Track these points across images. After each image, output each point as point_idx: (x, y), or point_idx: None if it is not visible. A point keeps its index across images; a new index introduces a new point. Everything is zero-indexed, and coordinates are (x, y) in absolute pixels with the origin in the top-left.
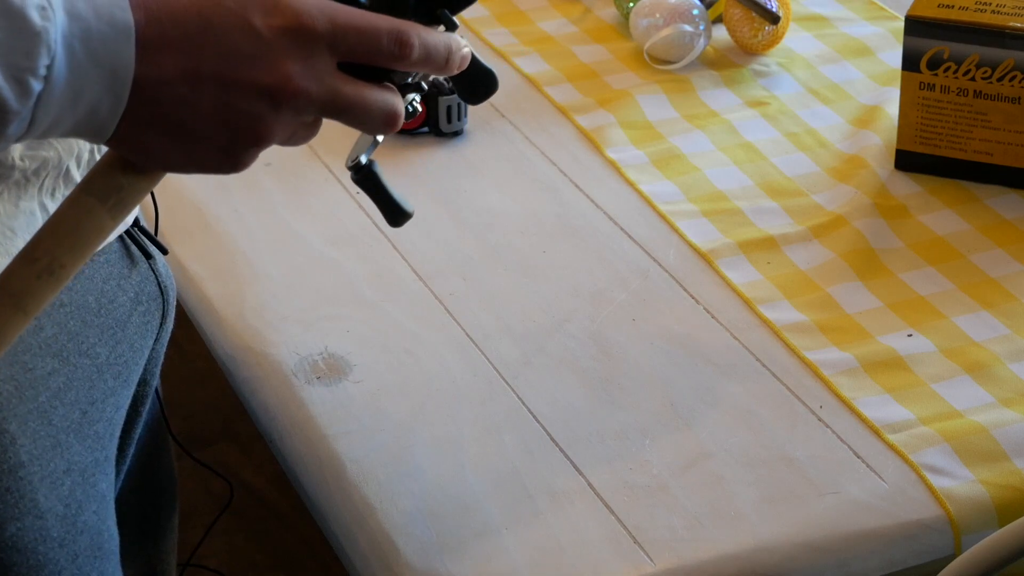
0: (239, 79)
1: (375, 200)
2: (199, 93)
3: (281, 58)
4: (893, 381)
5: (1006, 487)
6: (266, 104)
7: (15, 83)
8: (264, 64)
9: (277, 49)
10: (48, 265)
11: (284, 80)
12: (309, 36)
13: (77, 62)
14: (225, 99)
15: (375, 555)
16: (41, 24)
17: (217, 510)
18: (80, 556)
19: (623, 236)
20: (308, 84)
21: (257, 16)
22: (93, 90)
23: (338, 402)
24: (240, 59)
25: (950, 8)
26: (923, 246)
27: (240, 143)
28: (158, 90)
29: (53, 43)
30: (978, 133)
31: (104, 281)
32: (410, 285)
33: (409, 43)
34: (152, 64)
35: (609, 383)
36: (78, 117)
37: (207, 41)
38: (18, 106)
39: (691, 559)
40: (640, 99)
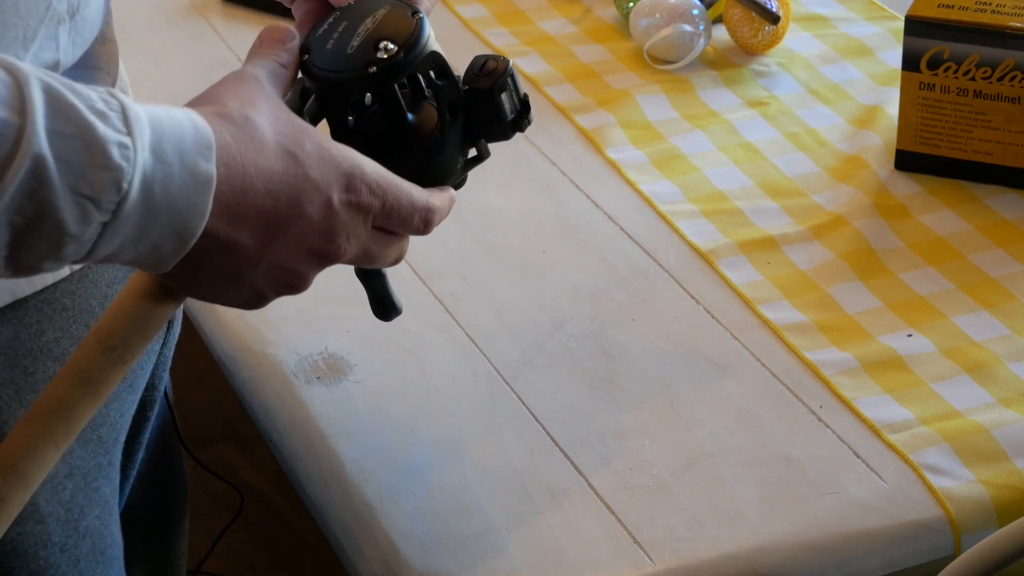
0: (303, 246)
1: (372, 297)
2: (267, 255)
3: (341, 229)
4: (893, 381)
5: (1006, 487)
6: (314, 264)
7: (78, 208)
8: (328, 235)
9: (341, 221)
10: (123, 356)
11: (337, 249)
12: (366, 212)
13: (152, 204)
14: (284, 262)
15: (375, 555)
16: (118, 162)
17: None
18: (82, 561)
19: (623, 236)
20: (349, 248)
21: (336, 191)
22: (161, 232)
23: (338, 402)
24: (312, 230)
25: (950, 8)
26: (923, 246)
27: (276, 293)
28: (228, 249)
29: (126, 184)
30: (978, 133)
31: (108, 285)
32: (410, 285)
33: (432, 224)
34: (231, 226)
35: (609, 383)
36: (139, 253)
37: (292, 215)
38: (76, 231)
39: (691, 559)
40: (640, 99)
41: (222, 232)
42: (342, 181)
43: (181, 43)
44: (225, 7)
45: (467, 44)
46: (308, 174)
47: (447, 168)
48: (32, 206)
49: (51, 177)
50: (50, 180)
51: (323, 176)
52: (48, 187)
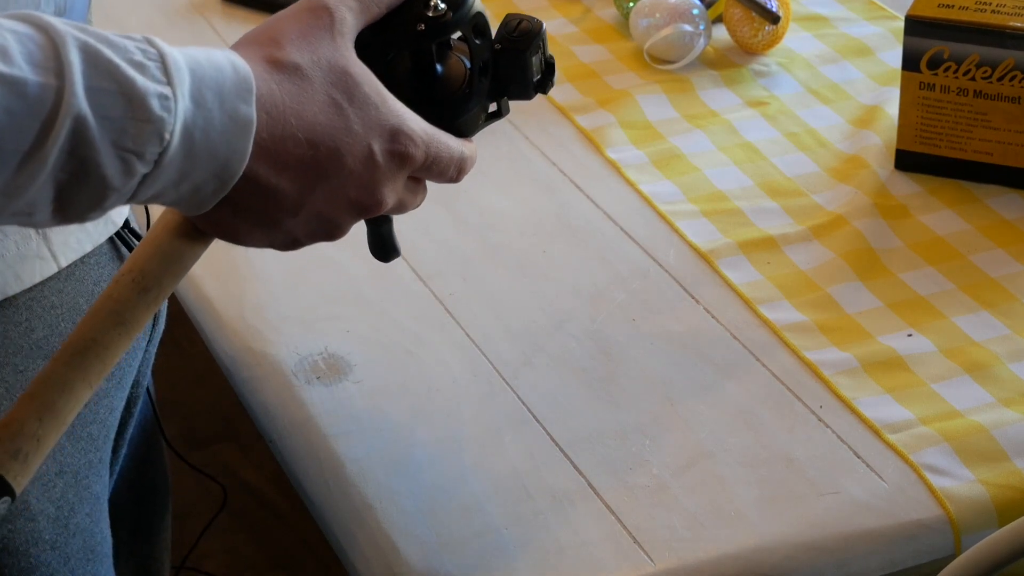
0: (344, 197)
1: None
2: (307, 204)
3: (382, 181)
4: (893, 381)
5: (1006, 487)
6: (354, 215)
7: (121, 162)
8: (368, 187)
9: (382, 173)
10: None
11: (376, 201)
12: (407, 163)
13: (193, 149)
14: (324, 211)
15: (375, 555)
16: (159, 114)
17: (215, 511)
18: (72, 558)
19: (623, 236)
20: (390, 199)
21: (377, 144)
22: (201, 175)
23: (338, 402)
24: (352, 182)
25: (950, 8)
26: (923, 246)
27: (313, 240)
28: (270, 195)
29: (168, 134)
30: (978, 133)
31: (94, 283)
32: (410, 285)
33: (464, 173)
34: (273, 172)
35: (609, 383)
36: (180, 195)
37: (333, 166)
38: (119, 183)
39: (691, 559)
40: (640, 99)
41: (262, 176)
42: (385, 135)
43: (181, 43)
44: (225, 7)
45: None
46: (351, 127)
47: (470, 124)
48: (75, 163)
49: (92, 135)
50: (92, 138)
51: (366, 129)
52: (90, 145)
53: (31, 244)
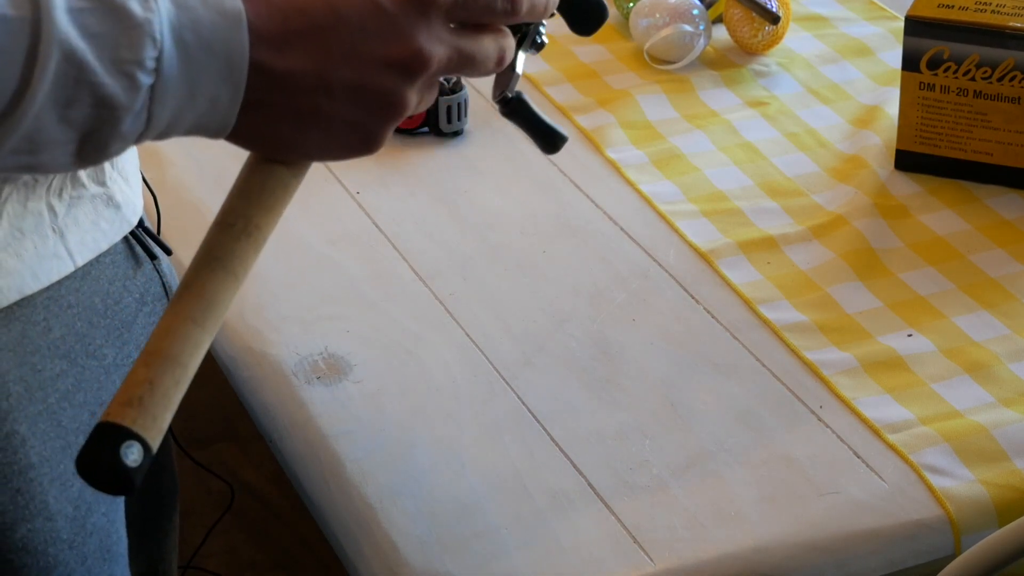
0: (372, 58)
1: (528, 130)
2: (332, 79)
3: (408, 30)
4: (893, 381)
5: (1006, 487)
6: (399, 77)
7: (122, 76)
8: (394, 39)
9: (403, 22)
10: (245, 227)
11: (415, 52)
12: (431, 3)
13: (189, 52)
14: (359, 80)
15: (375, 555)
16: (143, 15)
17: (217, 510)
18: (89, 558)
19: (623, 236)
20: (434, 48)
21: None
22: (210, 81)
23: (338, 402)
24: (370, 38)
25: (950, 8)
26: (923, 246)
27: (377, 119)
28: (288, 80)
29: (158, 34)
30: (978, 133)
31: (109, 283)
32: (410, 285)
33: (521, 2)
34: (280, 55)
35: (609, 383)
36: (199, 111)
37: (337, 26)
38: (127, 101)
39: (691, 559)
40: (640, 99)
41: (268, 62)
42: None
43: None
44: None
45: None
46: None
47: None
48: (76, 92)
49: (84, 57)
50: (84, 59)
51: None
52: (85, 68)
53: (48, 243)
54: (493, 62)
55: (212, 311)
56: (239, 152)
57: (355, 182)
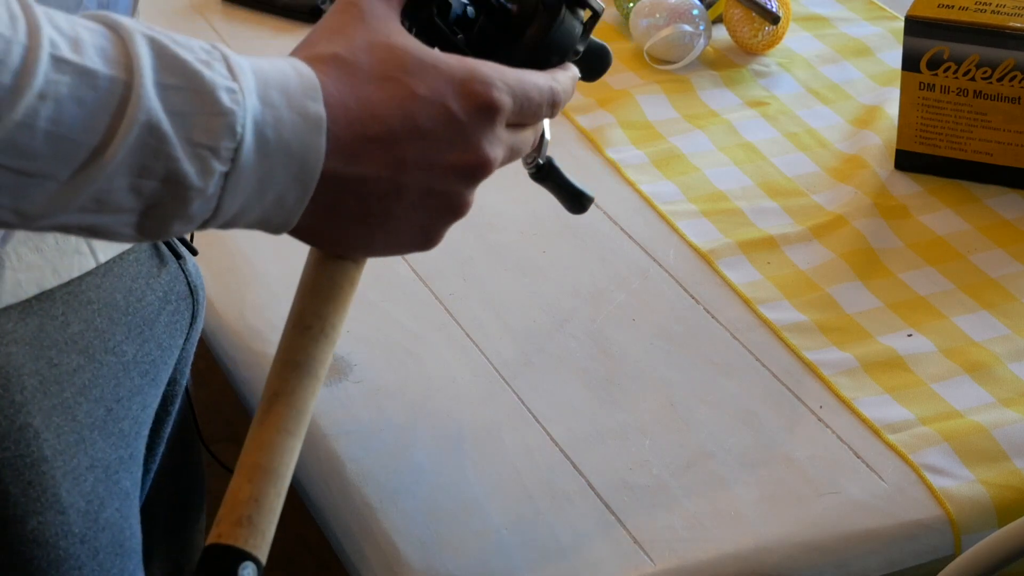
0: (443, 164)
1: (557, 193)
2: (404, 183)
3: (476, 137)
4: (893, 381)
5: (1006, 487)
6: (464, 181)
7: (197, 160)
8: (463, 146)
9: (472, 130)
10: (322, 329)
11: (481, 158)
12: (498, 111)
13: (267, 149)
14: (429, 185)
15: (375, 555)
16: (229, 106)
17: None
18: (101, 552)
19: (623, 236)
20: (497, 152)
21: (452, 100)
22: (281, 180)
23: (338, 402)
24: (442, 145)
25: (950, 8)
26: (923, 246)
27: (440, 220)
28: (360, 186)
29: (240, 127)
30: (978, 133)
31: (133, 280)
32: (410, 285)
33: (558, 104)
34: (353, 162)
35: (609, 383)
36: (265, 206)
37: (411, 134)
38: (199, 183)
39: (691, 559)
40: (640, 99)
41: (341, 170)
42: (456, 88)
43: None
44: (225, 7)
45: None
46: (415, 92)
47: (567, 36)
48: (152, 163)
49: (166, 131)
50: (166, 134)
51: (433, 90)
52: (165, 141)
53: (70, 239)
54: (531, 148)
55: (303, 418)
56: None
57: None
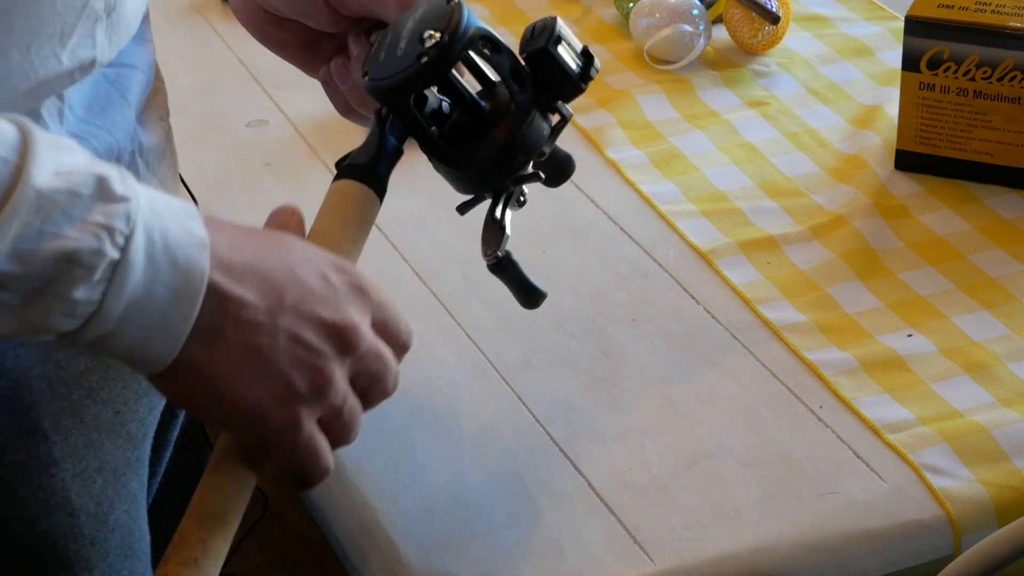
0: (313, 316)
1: (512, 286)
2: (278, 321)
3: (348, 306)
4: (893, 381)
5: (1006, 487)
6: (334, 345)
7: (91, 237)
8: (336, 308)
9: (345, 298)
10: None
11: (352, 325)
12: (367, 298)
13: (154, 253)
14: (300, 331)
15: (375, 555)
16: (124, 193)
17: None
18: (111, 554)
19: (623, 236)
20: (366, 333)
21: (327, 269)
22: (166, 291)
23: None
24: (316, 298)
25: (950, 8)
26: (923, 246)
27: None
28: (240, 309)
29: (133, 215)
30: (978, 133)
31: None
32: (410, 285)
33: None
34: (236, 282)
35: (609, 383)
36: (149, 321)
37: (288, 277)
38: (88, 261)
39: (691, 559)
40: (640, 99)
41: (225, 286)
42: (332, 261)
43: (181, 43)
44: (225, 7)
45: None
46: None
47: (535, 137)
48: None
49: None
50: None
51: (309, 257)
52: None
53: None
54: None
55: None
56: (240, 153)
57: None
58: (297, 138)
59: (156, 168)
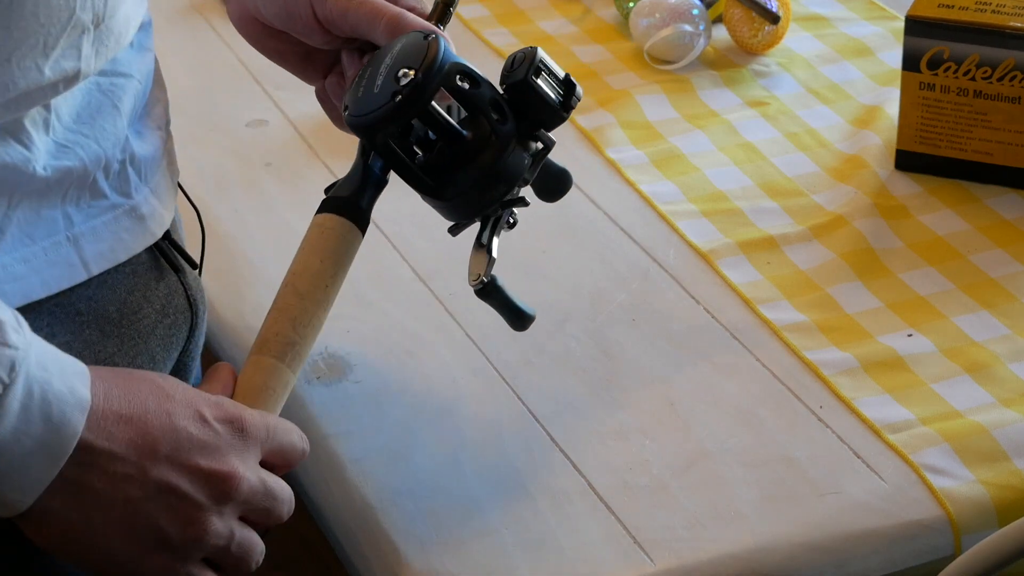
0: (189, 463)
1: (500, 309)
2: (149, 472)
3: (228, 451)
4: (893, 381)
5: (1006, 487)
6: (210, 493)
7: None
8: (214, 454)
9: (226, 443)
10: None
11: (230, 472)
12: (250, 437)
13: (30, 404)
14: (172, 482)
15: (375, 555)
16: (14, 341)
17: None
18: None
19: (623, 236)
20: (245, 477)
21: (208, 412)
22: (34, 442)
23: (338, 402)
24: (193, 446)
25: (950, 8)
26: (923, 246)
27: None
28: (108, 461)
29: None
30: (978, 133)
31: (128, 292)
32: (410, 285)
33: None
34: (103, 434)
35: (609, 383)
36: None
37: (165, 425)
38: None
39: (691, 559)
40: (640, 99)
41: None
42: (211, 401)
43: (181, 43)
44: (225, 7)
45: (467, 44)
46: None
47: (515, 167)
48: None
49: None
50: None
51: (189, 397)
52: None
53: (60, 251)
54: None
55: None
56: (240, 153)
57: None
58: (297, 138)
59: (149, 178)
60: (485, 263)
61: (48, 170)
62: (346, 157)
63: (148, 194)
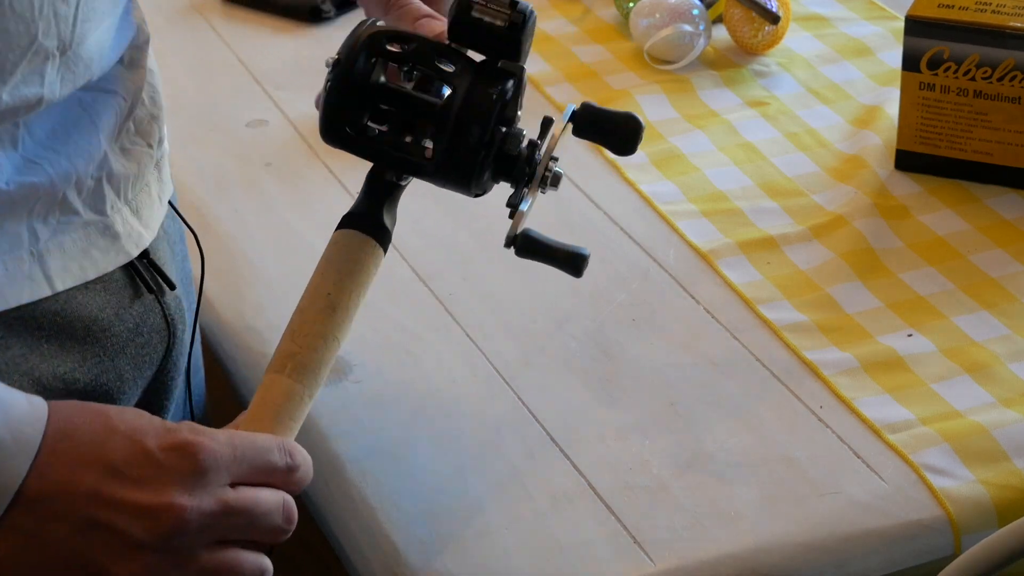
0: (117, 497)
1: (549, 262)
2: (75, 506)
3: (168, 481)
4: (893, 381)
5: (1006, 487)
6: (149, 527)
7: None
8: (148, 486)
9: (166, 471)
10: None
11: (167, 503)
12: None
13: None
14: (102, 516)
15: (375, 555)
16: None
17: None
18: None
19: (623, 236)
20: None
21: (151, 440)
22: None
23: (338, 402)
24: (124, 479)
25: (950, 8)
26: (923, 246)
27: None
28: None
29: None
30: (978, 133)
31: (99, 309)
32: (410, 285)
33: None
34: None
35: (609, 383)
36: None
37: (94, 460)
38: None
39: (691, 559)
40: (640, 99)
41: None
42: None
43: (181, 43)
44: (225, 7)
45: None
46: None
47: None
48: None
49: None
50: None
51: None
52: None
53: (23, 266)
54: (280, 517)
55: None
56: (240, 153)
57: (356, 183)
58: (297, 138)
59: (129, 195)
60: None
61: (12, 184)
62: (346, 157)
63: (127, 212)
